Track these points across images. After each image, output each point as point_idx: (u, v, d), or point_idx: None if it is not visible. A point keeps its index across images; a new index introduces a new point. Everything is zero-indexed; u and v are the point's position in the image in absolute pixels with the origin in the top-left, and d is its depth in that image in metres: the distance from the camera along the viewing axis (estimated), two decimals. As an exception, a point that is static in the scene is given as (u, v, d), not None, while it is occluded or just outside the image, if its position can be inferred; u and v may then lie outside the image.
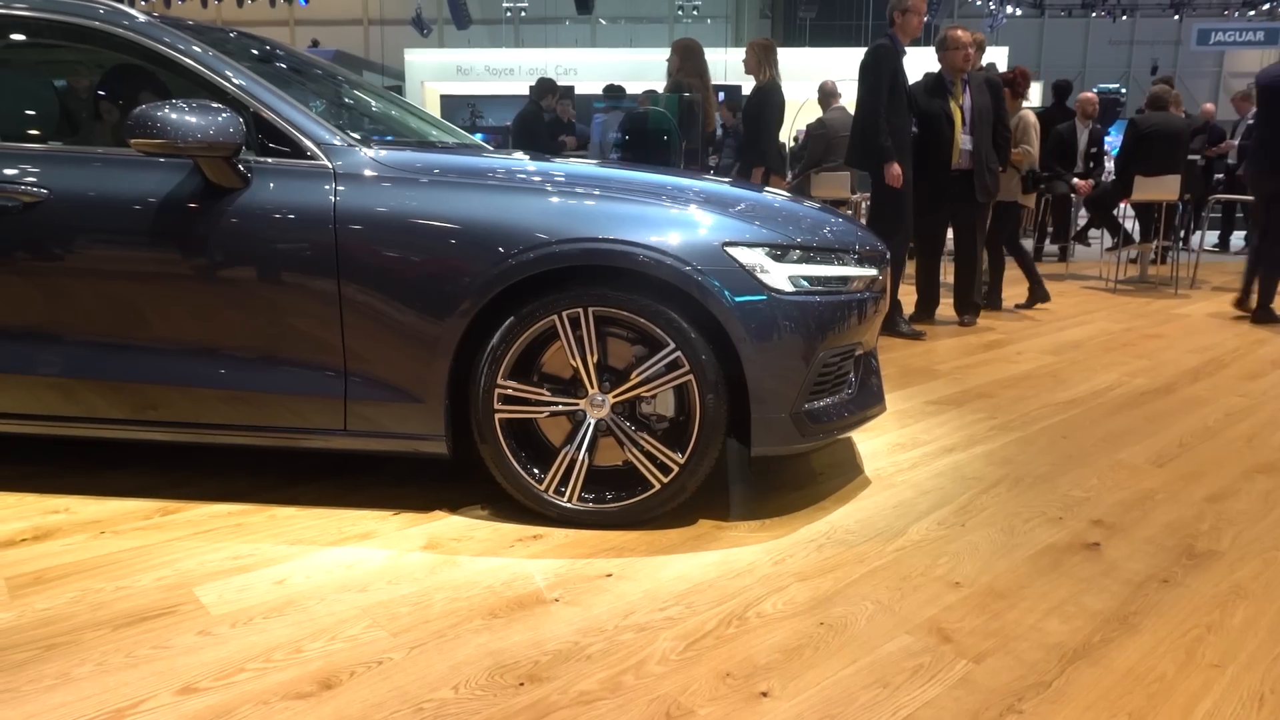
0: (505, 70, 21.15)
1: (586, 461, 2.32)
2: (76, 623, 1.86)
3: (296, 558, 2.18)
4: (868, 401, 2.58)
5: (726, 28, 26.57)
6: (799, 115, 15.82)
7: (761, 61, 5.59)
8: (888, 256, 2.62)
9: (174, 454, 2.81)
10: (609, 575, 2.10)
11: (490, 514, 2.43)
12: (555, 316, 2.25)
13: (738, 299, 2.22)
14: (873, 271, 2.49)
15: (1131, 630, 1.89)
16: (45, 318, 2.37)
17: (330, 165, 2.30)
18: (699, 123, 5.31)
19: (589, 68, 19.75)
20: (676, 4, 24.88)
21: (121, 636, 1.81)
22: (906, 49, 5.10)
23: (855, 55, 4.93)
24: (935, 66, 5.25)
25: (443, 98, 19.87)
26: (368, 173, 2.30)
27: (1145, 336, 5.01)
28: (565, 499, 2.34)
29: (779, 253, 2.30)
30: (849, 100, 7.54)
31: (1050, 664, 1.76)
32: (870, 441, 3.09)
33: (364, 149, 2.34)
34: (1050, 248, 8.62)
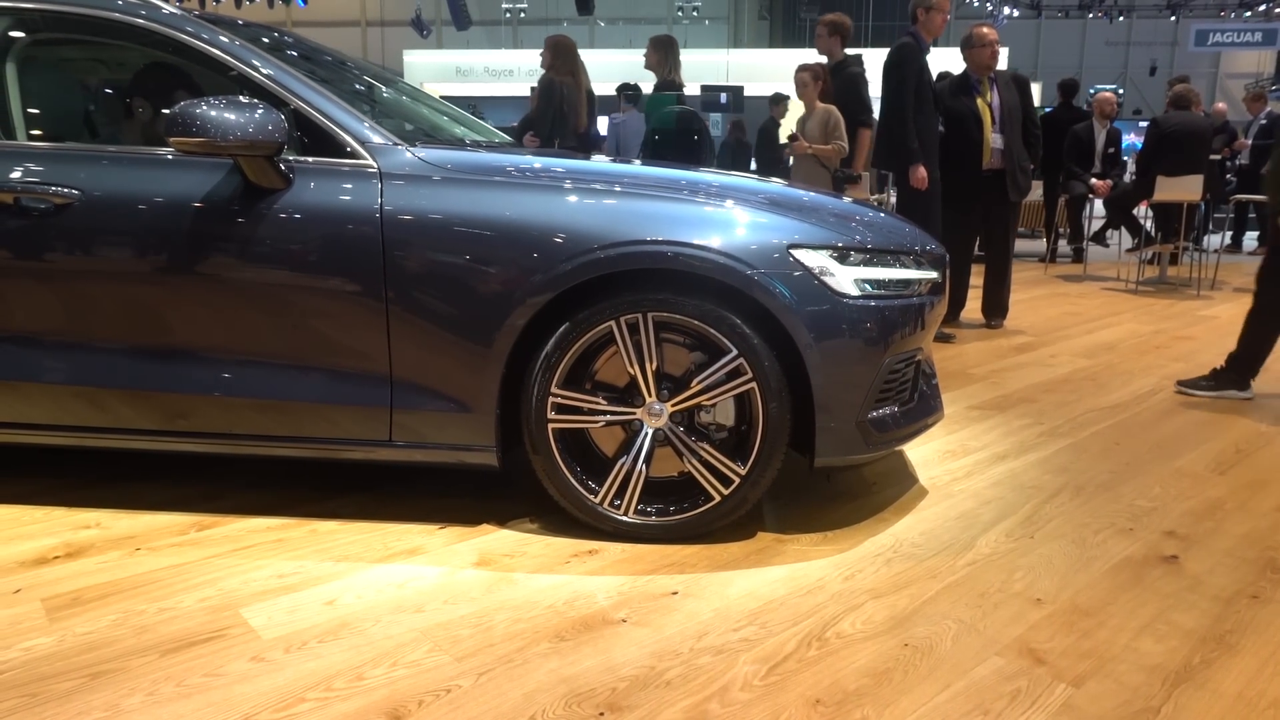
0: (504, 71, 21.05)
1: (644, 473, 2.23)
2: (121, 648, 1.76)
3: (344, 575, 2.08)
4: (928, 409, 2.49)
5: (726, 29, 26.51)
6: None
7: (663, 60, 5.49)
8: (947, 259, 2.53)
9: (203, 465, 2.71)
10: (674, 593, 2.01)
11: (540, 528, 2.34)
12: (613, 322, 2.16)
13: (803, 303, 2.13)
14: (933, 274, 2.40)
15: (1231, 651, 1.80)
16: (73, 324, 2.26)
17: (375, 165, 2.20)
18: (568, 122, 5.12)
19: (588, 69, 19.68)
20: (676, 5, 24.81)
21: (170, 663, 1.71)
22: (930, 47, 5.02)
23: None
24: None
25: (441, 99, 19.76)
26: (414, 173, 2.20)
27: (1176, 339, 4.93)
28: (621, 512, 2.24)
29: (843, 255, 2.21)
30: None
31: (1154, 688, 1.67)
32: (920, 449, 3.00)
33: (408, 148, 2.25)
34: (1065, 249, 8.54)
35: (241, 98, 2.09)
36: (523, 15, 24.58)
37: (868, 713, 1.58)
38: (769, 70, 20.74)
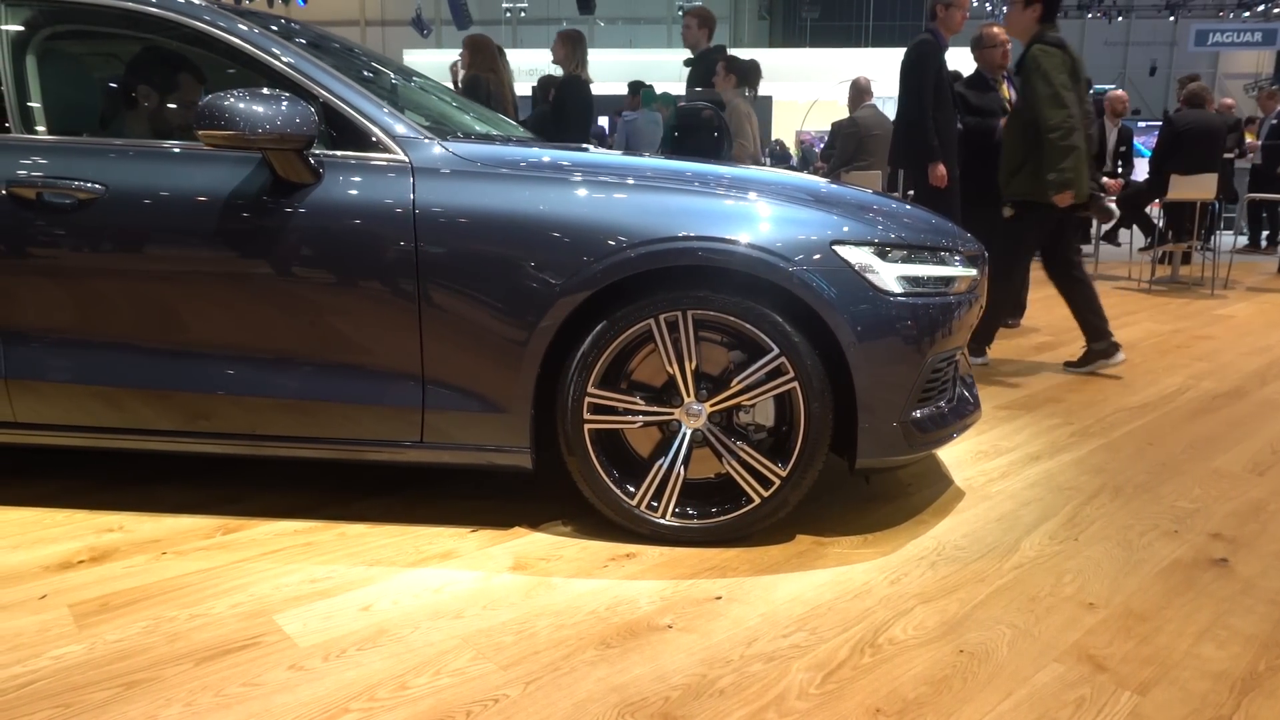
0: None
1: (682, 474, 2.18)
2: (154, 656, 1.70)
3: (378, 580, 2.02)
4: (967, 408, 2.44)
5: (727, 29, 26.47)
6: (807, 118, 15.74)
7: (570, 55, 5.50)
8: (986, 256, 2.48)
9: (222, 467, 2.65)
10: (718, 598, 1.96)
11: (574, 530, 2.29)
12: (651, 320, 2.11)
13: (846, 300, 2.08)
14: (973, 272, 2.35)
15: (1296, 656, 1.75)
16: (94, 322, 2.20)
17: (408, 159, 2.14)
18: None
19: (588, 68, 19.63)
20: (676, 5, 24.76)
21: (206, 672, 1.65)
22: (949, 44, 4.97)
23: (855, 56, 4.83)
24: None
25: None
26: (447, 168, 2.15)
27: (1196, 338, 4.89)
28: (658, 514, 2.19)
29: (885, 251, 2.16)
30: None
31: (1222, 696, 1.62)
32: (952, 449, 2.95)
33: (440, 142, 2.19)
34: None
35: (273, 90, 2.04)
36: (523, 15, 24.53)
37: (931, 722, 1.54)
38: (770, 70, 20.76)
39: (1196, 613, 1.92)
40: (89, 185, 2.14)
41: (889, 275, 2.13)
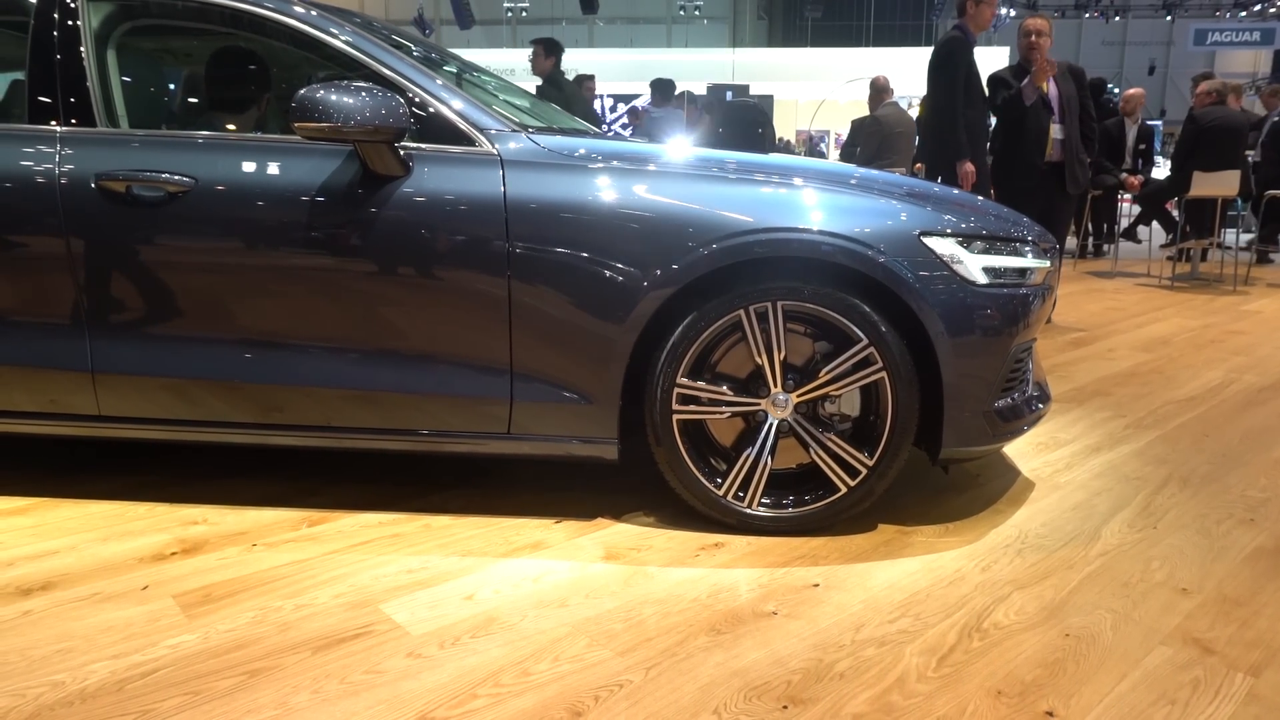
0: (505, 71, 20.97)
1: (768, 465, 2.19)
2: (269, 646, 1.71)
3: (474, 570, 2.03)
4: (1041, 397, 2.47)
5: (726, 29, 26.51)
6: (815, 118, 15.77)
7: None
8: (1058, 248, 2.50)
9: (298, 461, 2.66)
10: (816, 585, 1.97)
11: (657, 521, 2.30)
12: (741, 311, 2.12)
13: (935, 291, 2.10)
14: (1047, 263, 2.37)
15: (1398, 639, 1.77)
16: (184, 315, 2.21)
17: (496, 152, 2.15)
18: None
19: (588, 68, 19.61)
20: (676, 5, 24.80)
21: (325, 661, 1.66)
22: (977, 40, 5.00)
23: (856, 56, 4.85)
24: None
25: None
26: (536, 160, 2.16)
27: (1229, 333, 4.92)
28: (745, 504, 2.21)
29: (969, 242, 2.18)
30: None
31: (1334, 677, 1.64)
32: (1012, 443, 2.96)
33: (528, 134, 2.21)
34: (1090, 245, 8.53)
35: (364, 83, 2.05)
36: (524, 14, 24.53)
37: (1053, 704, 1.55)
38: (770, 69, 20.79)
39: (1290, 597, 1.94)
40: (179, 178, 2.14)
41: (974, 266, 2.15)
